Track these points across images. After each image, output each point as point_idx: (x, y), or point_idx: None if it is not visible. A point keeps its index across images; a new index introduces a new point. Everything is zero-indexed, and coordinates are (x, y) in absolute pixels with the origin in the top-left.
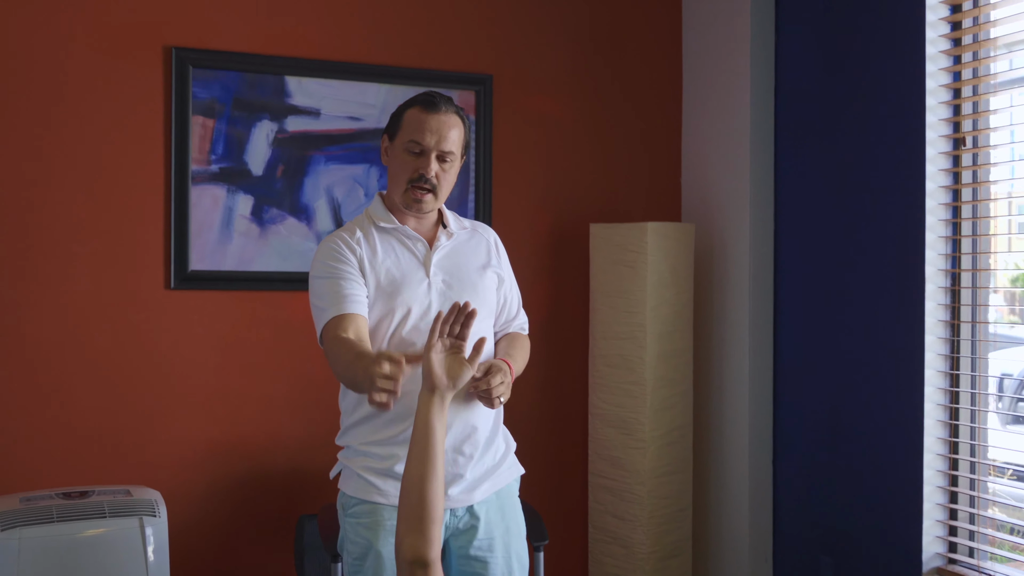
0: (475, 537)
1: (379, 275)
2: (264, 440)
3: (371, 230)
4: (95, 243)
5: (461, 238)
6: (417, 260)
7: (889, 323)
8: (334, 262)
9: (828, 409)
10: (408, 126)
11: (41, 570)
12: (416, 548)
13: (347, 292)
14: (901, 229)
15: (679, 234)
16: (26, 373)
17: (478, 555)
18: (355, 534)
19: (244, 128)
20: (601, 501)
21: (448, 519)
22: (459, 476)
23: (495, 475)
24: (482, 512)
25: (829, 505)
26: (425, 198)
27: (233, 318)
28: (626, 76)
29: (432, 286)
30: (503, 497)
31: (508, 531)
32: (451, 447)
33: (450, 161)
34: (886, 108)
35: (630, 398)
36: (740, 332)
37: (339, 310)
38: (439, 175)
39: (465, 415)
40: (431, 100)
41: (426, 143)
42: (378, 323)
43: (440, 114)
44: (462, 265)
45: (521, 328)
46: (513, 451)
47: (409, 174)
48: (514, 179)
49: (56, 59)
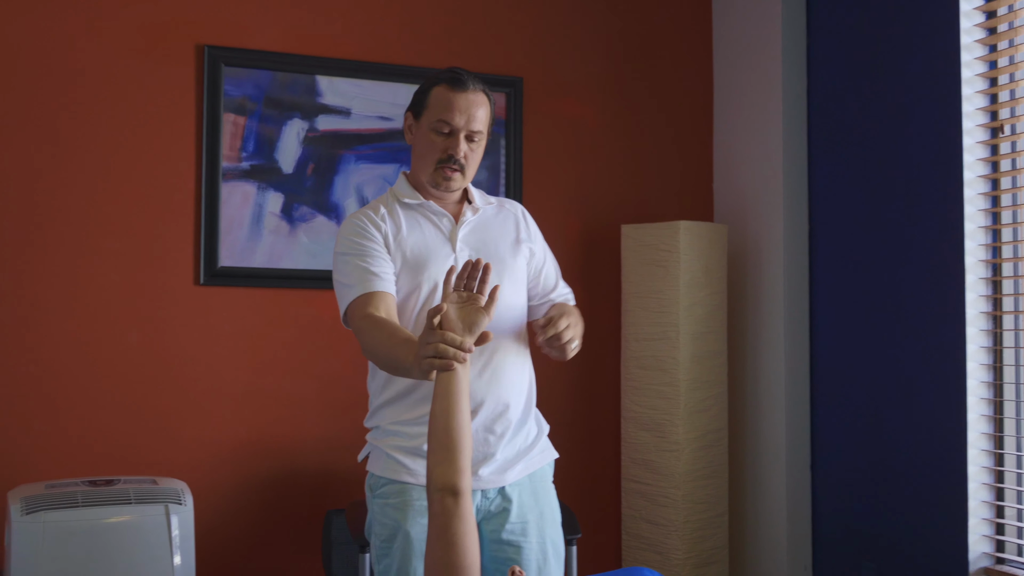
0: (507, 520)
1: (404, 251)
2: (291, 438)
3: (395, 207)
4: (127, 239)
5: (487, 213)
6: (443, 235)
7: (928, 318)
8: (359, 238)
9: (867, 410)
10: (435, 105)
11: (65, 554)
12: (446, 475)
13: (374, 270)
14: (939, 221)
15: (712, 234)
16: (56, 367)
17: (511, 539)
18: (383, 515)
19: (275, 126)
20: (634, 506)
21: (479, 501)
22: (491, 456)
23: (527, 457)
24: (514, 495)
25: (870, 508)
26: (454, 176)
27: (262, 315)
28: (657, 77)
29: (458, 261)
30: (536, 480)
31: (542, 516)
32: (481, 426)
33: (478, 140)
34: (921, 100)
35: (663, 400)
36: (775, 334)
37: (366, 288)
38: (467, 155)
39: (496, 393)
40: (459, 78)
41: (455, 123)
42: (405, 299)
43: (468, 92)
44: (488, 240)
45: (565, 299)
46: (546, 434)
47: (438, 154)
48: (544, 181)
49: (91, 58)
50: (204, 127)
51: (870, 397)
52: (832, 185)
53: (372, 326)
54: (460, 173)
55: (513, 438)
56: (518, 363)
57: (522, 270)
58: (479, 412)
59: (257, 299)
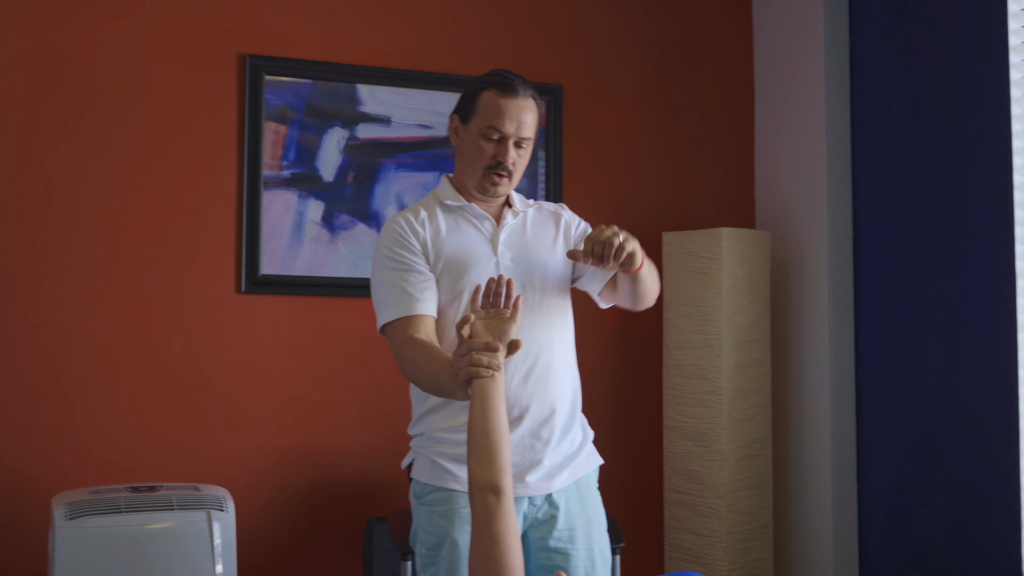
0: (555, 528)
1: (445, 254)
2: (333, 447)
3: (436, 210)
4: (169, 247)
5: (527, 216)
6: (484, 237)
7: (978, 324)
8: (399, 248)
9: (914, 418)
10: (484, 111)
11: (107, 560)
12: (488, 474)
13: (414, 292)
14: (989, 225)
15: (755, 241)
16: (100, 375)
17: (558, 547)
18: (429, 523)
19: (316, 135)
20: (677, 517)
21: (527, 508)
22: (537, 462)
23: (574, 463)
24: (561, 501)
25: (918, 519)
26: (502, 181)
27: (303, 323)
28: (697, 83)
29: (500, 264)
30: (583, 487)
31: (589, 522)
32: (528, 432)
33: (526, 146)
34: (968, 101)
35: (706, 408)
36: (820, 342)
37: (407, 311)
38: (515, 161)
39: (542, 398)
40: (508, 84)
41: (506, 130)
42: (447, 303)
43: (518, 99)
44: (530, 242)
45: None
46: (591, 440)
47: (486, 160)
48: (584, 189)
49: (134, 68)
50: (246, 136)
51: (917, 405)
52: (877, 189)
53: (413, 350)
54: (508, 179)
55: (559, 444)
56: (563, 368)
57: (564, 272)
58: (525, 418)
59: (298, 307)
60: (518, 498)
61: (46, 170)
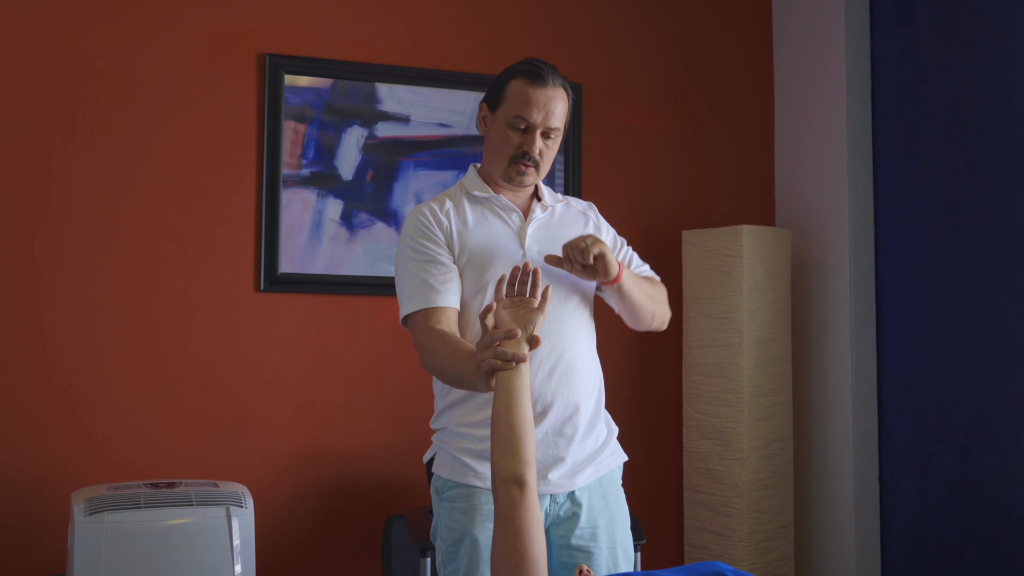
0: (577, 526)
1: (470, 246)
2: (352, 445)
3: (463, 200)
4: (188, 245)
5: (556, 211)
6: (511, 231)
7: (1001, 321)
8: (422, 239)
9: (937, 416)
10: (513, 99)
11: (127, 556)
12: (512, 466)
13: (436, 284)
14: (1010, 222)
15: (775, 238)
16: (120, 373)
17: (581, 544)
18: (450, 519)
19: (335, 133)
20: (697, 517)
21: (548, 506)
22: (560, 459)
23: (598, 460)
24: (584, 499)
25: (941, 518)
26: (528, 171)
27: (321, 321)
28: (717, 82)
29: (527, 258)
30: (606, 484)
31: (613, 520)
32: (551, 429)
33: (554, 137)
34: (991, 99)
35: (727, 407)
36: (842, 340)
37: (428, 303)
38: (543, 152)
39: (566, 395)
40: (538, 72)
41: (533, 120)
42: (472, 295)
43: (548, 88)
44: (557, 237)
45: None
46: (615, 436)
47: (512, 150)
48: (603, 188)
49: (155, 68)
50: (265, 134)
51: (940, 403)
52: (899, 187)
53: (434, 341)
54: (534, 169)
55: (583, 441)
56: (587, 364)
57: None
58: (548, 414)
59: (317, 305)
60: (540, 495)
61: (66, 169)
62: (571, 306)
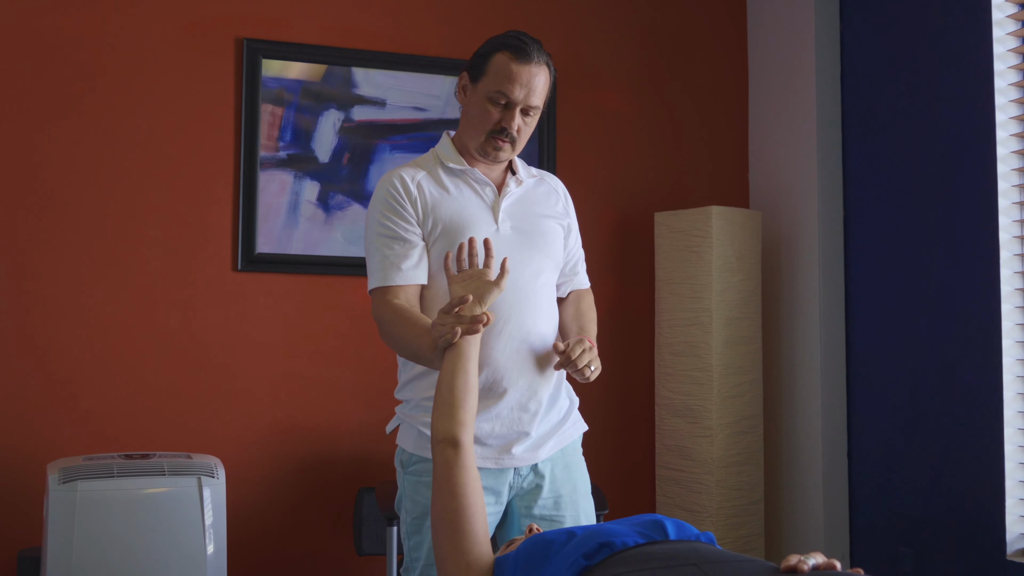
0: (540, 496)
1: (442, 218)
2: (327, 422)
3: (437, 170)
4: (168, 226)
5: (529, 185)
6: (485, 205)
7: (964, 300)
8: (391, 213)
9: (903, 395)
10: (495, 74)
11: (100, 524)
12: (448, 428)
13: (397, 260)
14: (973, 201)
15: (746, 220)
16: (98, 349)
17: (544, 514)
18: (415, 492)
19: (312, 116)
20: (668, 494)
21: (512, 479)
22: (524, 434)
23: (560, 432)
24: (547, 470)
25: (907, 494)
26: (504, 147)
27: (298, 301)
28: (691, 66)
29: (500, 232)
30: (568, 454)
31: (575, 488)
32: (516, 405)
33: (533, 114)
34: (953, 81)
35: (697, 385)
36: (811, 319)
37: (388, 280)
38: (520, 128)
39: (530, 371)
40: (523, 48)
41: (514, 97)
42: (440, 269)
43: (532, 65)
44: (530, 212)
45: (581, 284)
46: (576, 407)
47: (491, 125)
48: (578, 171)
49: (133, 52)
50: (243, 118)
51: (906, 382)
52: (867, 169)
53: (392, 314)
54: (511, 145)
55: (547, 414)
56: (549, 340)
57: (558, 246)
58: (511, 390)
59: (293, 285)
60: (504, 469)
61: (46, 150)
62: (539, 283)
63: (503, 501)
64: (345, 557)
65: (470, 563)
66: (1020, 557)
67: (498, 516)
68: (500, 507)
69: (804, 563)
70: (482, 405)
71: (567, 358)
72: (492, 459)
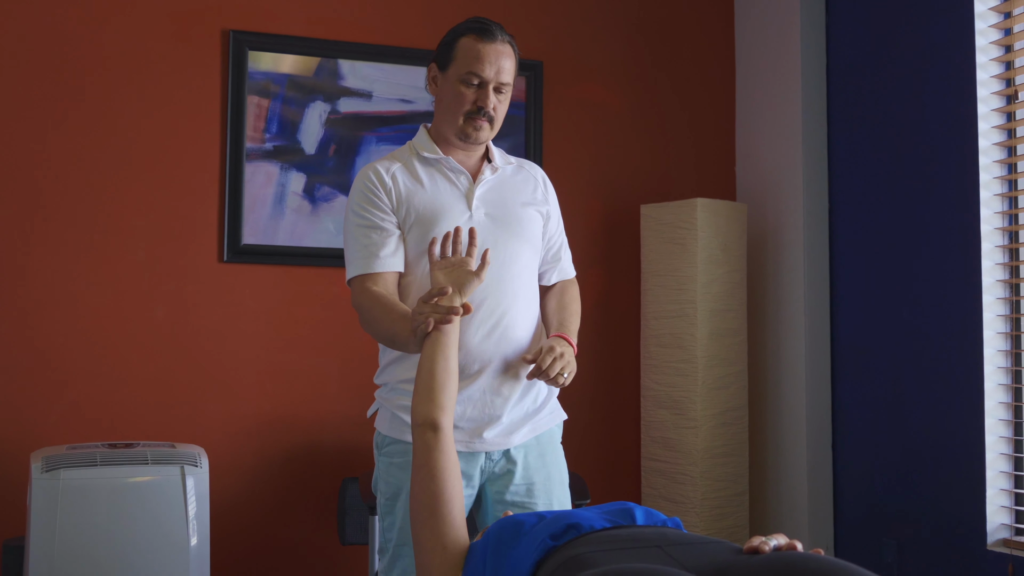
0: (512, 482)
1: (417, 208)
2: (312, 413)
3: (412, 161)
4: (154, 217)
5: (506, 172)
6: (459, 192)
7: (946, 292)
8: (366, 204)
9: (888, 387)
10: (464, 56)
11: (83, 512)
12: (428, 412)
13: (375, 249)
14: (955, 193)
15: (731, 212)
16: (85, 340)
17: (516, 500)
18: (388, 474)
19: (298, 108)
20: (653, 485)
21: (483, 463)
22: (496, 418)
23: (535, 419)
24: (519, 456)
25: (891, 485)
26: (483, 126)
27: (284, 292)
28: (678, 59)
29: (473, 219)
30: (544, 442)
31: (549, 477)
32: (488, 388)
33: (505, 92)
34: (937, 72)
35: (682, 377)
36: (796, 311)
37: (367, 268)
38: (496, 107)
39: (503, 355)
40: (486, 28)
41: (486, 75)
42: (416, 258)
43: (497, 43)
44: (505, 199)
45: (566, 273)
46: (555, 396)
47: (467, 106)
48: (565, 163)
49: (121, 43)
50: (229, 109)
51: (890, 374)
52: (852, 162)
53: (370, 301)
54: (489, 124)
55: (521, 400)
56: (528, 325)
57: (536, 232)
58: (484, 373)
59: (279, 276)
60: (475, 453)
61: (32, 142)
62: (516, 268)
63: (475, 485)
64: (329, 547)
65: (446, 545)
66: (1000, 547)
67: (471, 499)
68: (472, 491)
69: (766, 544)
70: None
71: (538, 368)
72: (463, 442)
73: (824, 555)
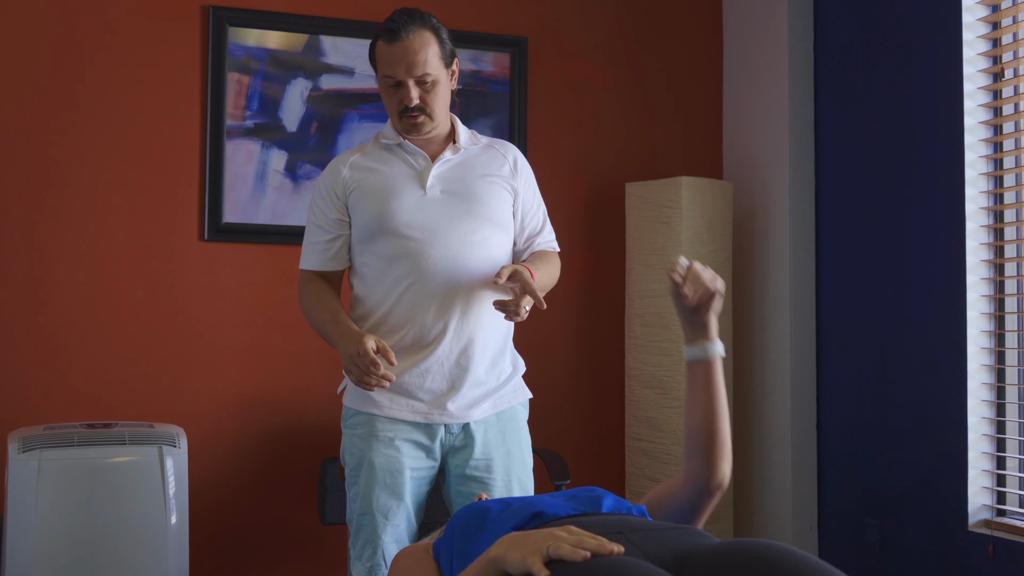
0: (471, 456)
1: (368, 191)
2: (294, 392)
3: (373, 148)
4: (133, 195)
5: (471, 152)
6: (413, 172)
7: (932, 272)
8: (321, 203)
9: (872, 368)
10: (379, 61)
11: (61, 493)
12: None
13: (320, 248)
14: (941, 173)
15: (716, 191)
16: (64, 319)
17: (475, 475)
18: (351, 444)
19: (279, 85)
20: (638, 465)
21: (443, 435)
22: (455, 391)
23: (497, 395)
24: (479, 432)
25: (874, 467)
26: (419, 120)
27: (265, 270)
28: (664, 35)
29: (427, 196)
30: (505, 419)
31: (509, 454)
32: (445, 359)
33: (431, 81)
34: (923, 51)
35: (666, 356)
36: (781, 292)
37: (311, 265)
38: (424, 98)
39: (459, 326)
40: (392, 29)
41: (398, 76)
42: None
43: (403, 41)
44: (465, 177)
45: (548, 245)
46: (521, 374)
47: (396, 106)
48: (549, 141)
49: (99, 19)
50: (209, 86)
51: (874, 355)
52: (838, 142)
53: (309, 295)
54: (426, 117)
55: (485, 375)
56: (483, 299)
57: (500, 208)
58: (440, 344)
59: (260, 255)
60: (434, 425)
61: (10, 120)
62: (472, 241)
63: (436, 457)
64: (309, 526)
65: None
66: (982, 528)
67: (433, 471)
68: (435, 463)
69: None
70: (411, 360)
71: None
72: (423, 414)
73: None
